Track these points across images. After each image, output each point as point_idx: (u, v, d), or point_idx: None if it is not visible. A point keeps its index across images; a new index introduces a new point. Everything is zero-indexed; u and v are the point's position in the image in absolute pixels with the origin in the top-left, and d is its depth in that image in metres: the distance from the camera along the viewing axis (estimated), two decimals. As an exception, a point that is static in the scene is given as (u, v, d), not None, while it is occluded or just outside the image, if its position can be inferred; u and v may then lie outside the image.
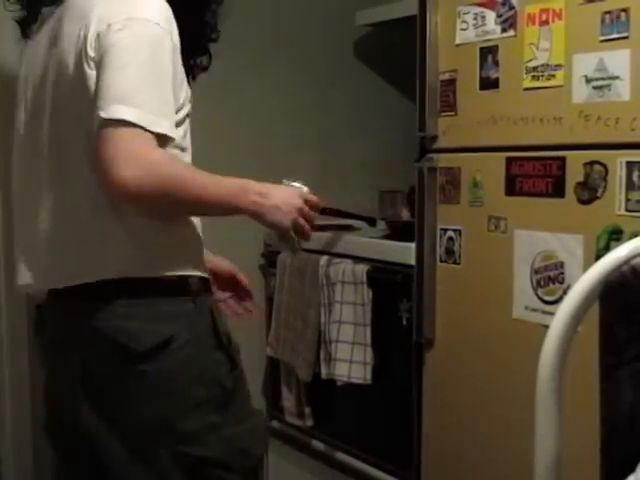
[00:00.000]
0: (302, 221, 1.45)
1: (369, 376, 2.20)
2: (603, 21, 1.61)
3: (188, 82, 1.49)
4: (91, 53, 1.33)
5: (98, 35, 1.32)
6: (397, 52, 2.57)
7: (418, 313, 2.04)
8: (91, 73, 1.33)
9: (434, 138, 2.01)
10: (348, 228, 2.51)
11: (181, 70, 1.41)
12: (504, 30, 1.83)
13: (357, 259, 2.26)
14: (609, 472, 1.00)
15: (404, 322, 2.12)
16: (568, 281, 1.70)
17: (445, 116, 1.98)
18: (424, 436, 2.09)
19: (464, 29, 1.92)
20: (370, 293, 2.20)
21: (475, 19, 1.89)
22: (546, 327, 1.01)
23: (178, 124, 1.40)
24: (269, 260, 2.56)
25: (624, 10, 1.58)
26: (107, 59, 1.30)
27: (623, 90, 1.59)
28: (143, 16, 1.34)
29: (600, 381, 1.02)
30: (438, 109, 1.99)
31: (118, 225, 1.37)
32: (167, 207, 1.36)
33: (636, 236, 1.04)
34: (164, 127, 1.31)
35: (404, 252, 2.11)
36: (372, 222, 2.52)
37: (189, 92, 1.46)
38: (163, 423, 1.40)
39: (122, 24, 1.32)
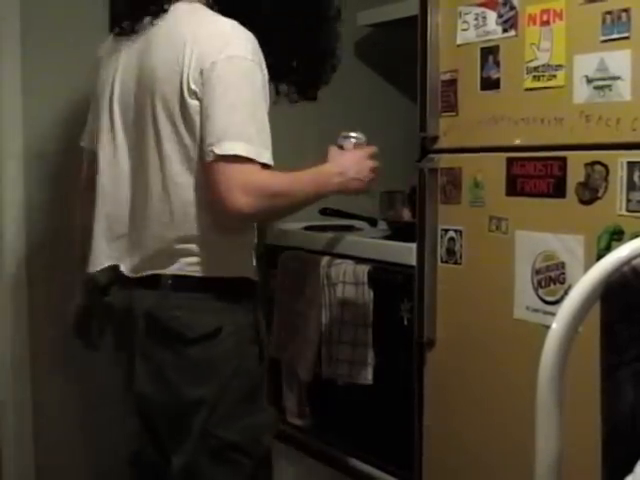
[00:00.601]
0: (373, 174, 1.82)
1: (370, 376, 2.20)
2: (604, 21, 1.61)
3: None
4: (194, 87, 1.55)
5: (202, 71, 1.54)
6: (398, 52, 2.57)
7: (419, 313, 2.04)
8: (193, 103, 1.56)
9: (435, 138, 2.00)
10: (349, 229, 2.51)
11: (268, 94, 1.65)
12: (505, 30, 1.83)
13: (358, 259, 2.26)
14: (610, 472, 1.00)
15: (405, 322, 2.12)
16: (569, 281, 1.70)
17: (446, 116, 1.98)
18: (425, 436, 2.09)
19: (465, 29, 1.92)
20: (371, 293, 2.20)
21: (476, 19, 1.89)
22: (547, 327, 1.01)
23: None
24: (269, 261, 2.56)
25: (625, 10, 1.58)
26: (214, 96, 1.53)
27: (624, 90, 1.59)
28: (238, 53, 1.56)
29: (601, 381, 1.02)
30: (439, 109, 1.99)
31: (191, 235, 1.62)
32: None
33: (637, 236, 1.04)
34: (267, 157, 1.57)
35: (405, 252, 2.11)
36: (373, 222, 2.52)
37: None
38: (199, 404, 1.61)
39: (223, 62, 1.54)
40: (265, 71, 1.62)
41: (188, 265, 1.63)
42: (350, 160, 1.80)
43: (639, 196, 1.58)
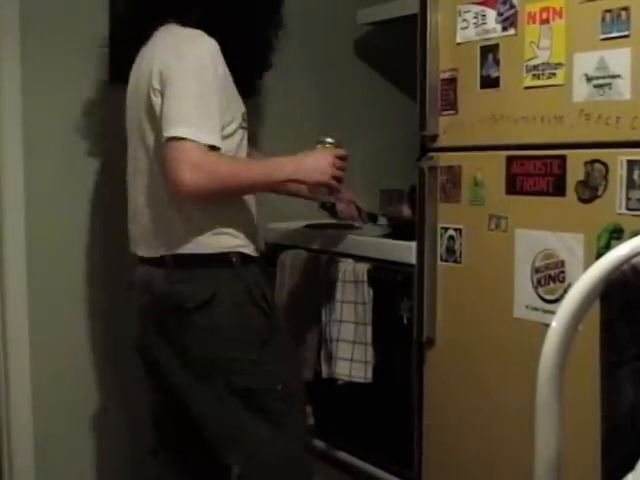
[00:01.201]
0: (337, 172, 1.91)
1: (370, 375, 2.20)
2: (604, 20, 1.61)
3: (249, 96, 2.02)
4: (157, 86, 1.80)
5: (160, 72, 1.79)
6: (398, 51, 2.57)
7: (419, 312, 2.04)
8: (157, 100, 1.80)
9: (435, 137, 2.00)
10: (349, 227, 2.51)
11: (231, 92, 1.87)
12: (504, 29, 1.83)
13: (358, 258, 2.26)
14: (610, 471, 1.00)
15: (405, 321, 2.13)
16: (569, 280, 1.70)
17: (446, 115, 1.98)
18: (425, 435, 2.09)
19: (465, 28, 1.92)
20: (371, 292, 2.20)
21: (476, 18, 1.89)
22: (547, 326, 1.01)
23: (228, 136, 1.83)
24: (269, 259, 2.55)
25: (624, 9, 1.58)
26: (167, 91, 1.76)
27: (624, 89, 1.59)
28: (190, 54, 1.78)
29: (601, 380, 1.02)
30: (439, 108, 1.99)
31: (178, 216, 1.84)
32: (220, 197, 1.83)
33: (637, 235, 1.04)
34: (211, 139, 1.75)
35: (405, 251, 2.11)
36: (373, 218, 2.51)
37: (243, 109, 1.91)
38: (213, 359, 1.84)
39: (176, 62, 1.77)
40: (221, 71, 1.81)
41: (180, 245, 1.86)
42: (310, 155, 1.94)
43: (639, 194, 1.58)
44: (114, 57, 2.42)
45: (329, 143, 1.95)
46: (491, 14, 1.85)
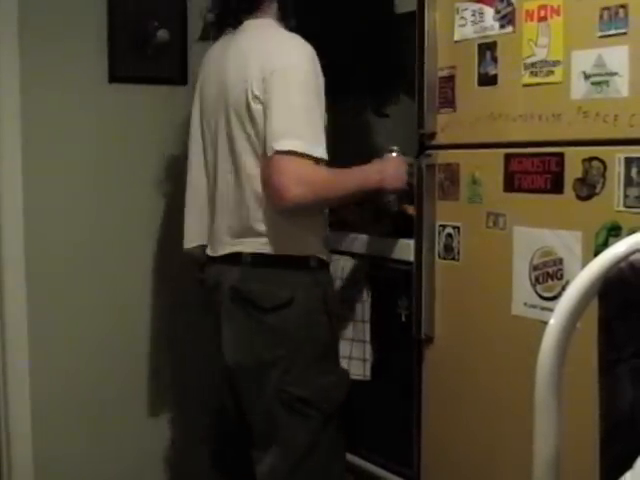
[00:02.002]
0: (409, 178, 2.04)
1: (368, 372, 2.20)
2: (601, 17, 1.61)
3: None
4: (257, 93, 1.82)
5: (263, 79, 1.81)
6: (396, 48, 2.56)
7: (417, 310, 2.04)
8: (257, 107, 1.83)
9: (433, 135, 2.00)
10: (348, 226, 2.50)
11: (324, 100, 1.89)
12: (502, 26, 1.82)
13: (356, 255, 2.26)
14: (608, 469, 1.00)
15: (403, 318, 2.13)
16: (567, 277, 1.70)
17: (444, 113, 1.98)
18: (424, 432, 2.09)
19: (462, 25, 1.92)
20: (369, 290, 2.20)
21: (473, 15, 1.89)
22: (545, 323, 1.01)
23: None
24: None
25: (622, 6, 1.58)
26: (273, 101, 1.79)
27: (622, 86, 1.59)
28: (294, 63, 1.83)
29: (599, 378, 1.02)
30: (437, 105, 1.99)
31: (263, 219, 1.90)
32: (317, 209, 1.94)
33: (635, 232, 1.04)
34: (320, 152, 1.82)
35: (403, 249, 2.11)
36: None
37: (325, 118, 1.92)
38: (274, 364, 1.88)
39: (281, 71, 1.80)
40: (321, 79, 1.86)
41: (262, 245, 1.91)
42: (388, 163, 2.04)
43: (636, 192, 1.58)
44: (114, 57, 2.42)
45: (396, 151, 2.08)
46: (489, 12, 1.85)
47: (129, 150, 2.53)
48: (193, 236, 2.12)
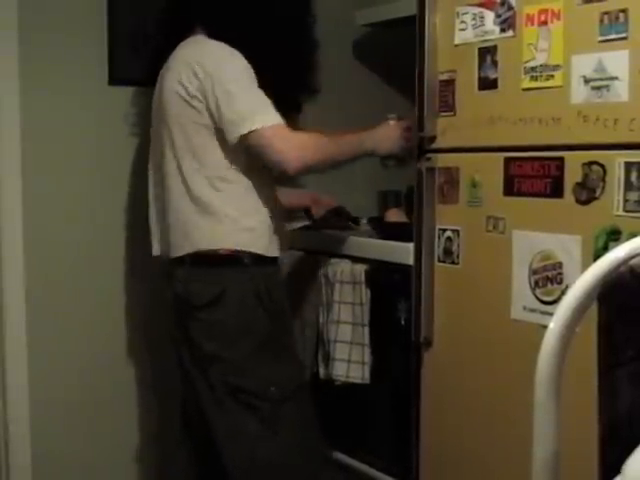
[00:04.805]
0: (405, 141, 2.12)
1: (367, 376, 2.20)
2: (602, 22, 1.62)
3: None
4: (194, 93, 1.91)
5: (201, 80, 1.90)
6: (396, 52, 2.57)
7: (416, 313, 2.04)
8: (200, 105, 1.92)
9: (433, 138, 2.00)
10: (347, 228, 2.51)
11: None
12: (503, 30, 1.83)
13: (356, 259, 2.26)
14: (607, 472, 1.00)
15: (402, 322, 2.13)
16: (566, 281, 1.70)
17: (444, 116, 1.98)
18: (423, 436, 2.09)
19: (463, 29, 1.92)
20: (368, 293, 2.20)
21: (474, 19, 1.89)
22: (544, 327, 1.00)
23: None
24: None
25: (623, 11, 1.58)
26: (218, 94, 1.89)
27: (622, 91, 1.59)
28: (224, 58, 1.93)
29: (598, 381, 1.02)
30: (437, 109, 1.99)
31: (193, 220, 1.97)
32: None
33: (634, 236, 1.04)
34: (279, 118, 1.92)
35: (402, 252, 2.11)
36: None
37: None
38: (213, 355, 1.96)
39: (218, 67, 1.91)
40: (250, 69, 1.93)
41: (198, 244, 1.97)
42: (381, 128, 2.14)
43: (636, 196, 1.58)
44: (114, 59, 2.42)
45: (394, 118, 2.16)
46: (489, 16, 1.85)
47: (129, 152, 2.53)
48: (156, 243, 2.17)
